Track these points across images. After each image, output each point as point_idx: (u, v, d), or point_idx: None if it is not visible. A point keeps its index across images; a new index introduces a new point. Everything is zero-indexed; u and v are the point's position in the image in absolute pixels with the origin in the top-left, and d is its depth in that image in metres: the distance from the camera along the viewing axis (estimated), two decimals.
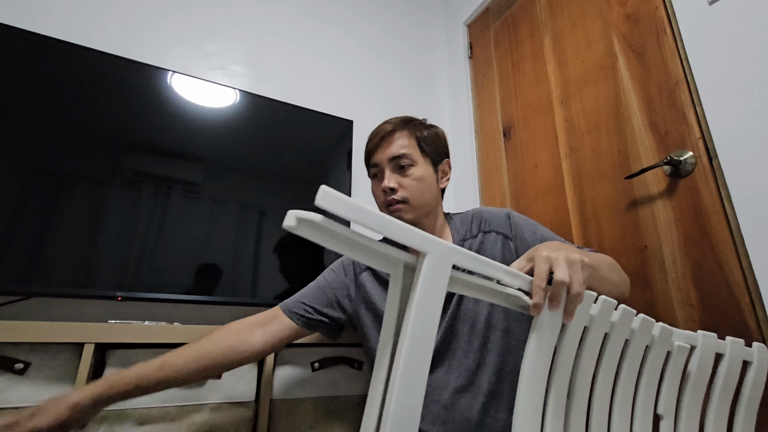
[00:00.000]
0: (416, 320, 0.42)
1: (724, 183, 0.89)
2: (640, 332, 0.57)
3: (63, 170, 1.02)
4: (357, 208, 0.43)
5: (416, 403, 0.41)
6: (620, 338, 0.55)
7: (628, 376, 0.56)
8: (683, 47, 1.01)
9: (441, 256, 0.44)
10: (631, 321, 0.56)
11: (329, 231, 0.45)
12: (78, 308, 1.09)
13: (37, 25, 1.22)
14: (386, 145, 0.88)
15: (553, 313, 0.50)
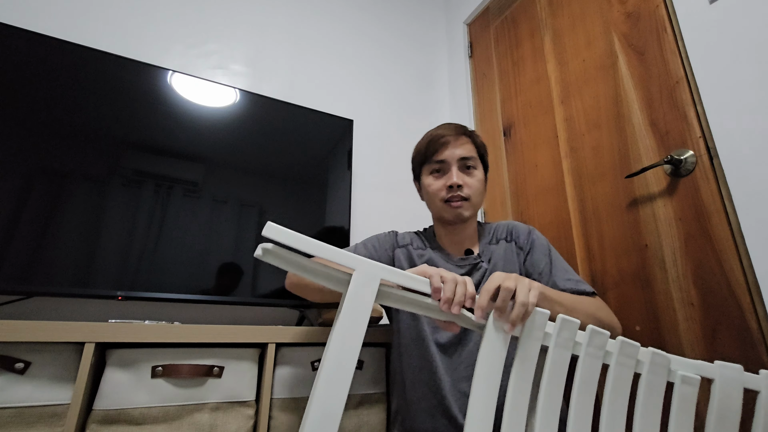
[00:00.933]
0: (341, 327, 0.48)
1: (724, 182, 0.89)
2: (621, 357, 0.56)
3: (63, 170, 1.02)
4: (296, 237, 0.50)
5: (336, 408, 0.45)
6: (594, 362, 0.55)
7: (614, 405, 0.55)
8: (684, 46, 1.01)
9: (368, 273, 0.51)
10: (604, 343, 0.55)
11: (289, 259, 0.52)
12: (78, 308, 1.09)
13: (37, 24, 1.22)
14: (456, 145, 0.95)
15: (499, 326, 0.54)
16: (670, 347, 0.93)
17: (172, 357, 0.84)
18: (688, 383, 0.56)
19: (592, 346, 0.56)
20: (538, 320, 0.55)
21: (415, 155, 1.01)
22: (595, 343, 0.56)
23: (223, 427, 0.83)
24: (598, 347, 0.56)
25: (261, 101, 1.34)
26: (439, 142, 0.95)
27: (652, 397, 0.56)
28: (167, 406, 0.81)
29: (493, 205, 1.58)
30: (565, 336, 0.55)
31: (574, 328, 0.55)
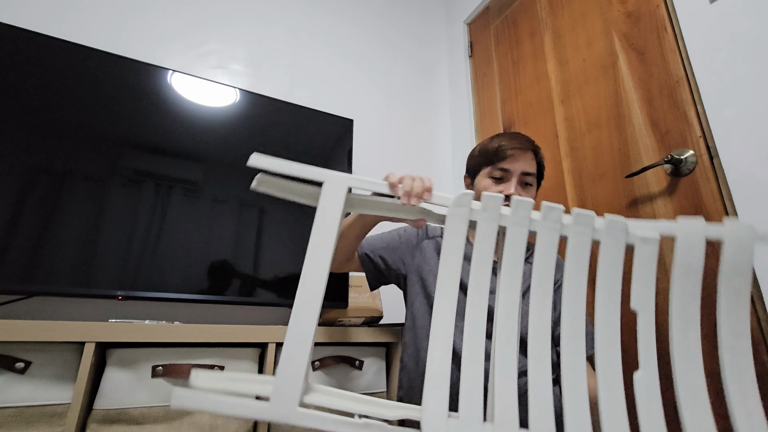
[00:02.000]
0: (316, 233, 0.55)
1: (724, 182, 0.89)
2: (576, 227, 0.56)
3: (63, 169, 1.02)
4: (279, 163, 0.59)
5: (310, 315, 0.51)
6: (551, 236, 0.56)
7: (576, 274, 0.56)
8: (684, 46, 1.01)
9: (336, 182, 0.59)
10: (559, 217, 0.56)
11: (279, 185, 0.64)
12: (78, 307, 1.09)
13: (38, 24, 1.22)
14: (524, 158, 0.96)
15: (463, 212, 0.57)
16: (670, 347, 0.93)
17: (173, 357, 0.84)
18: (648, 243, 0.57)
19: (548, 221, 0.56)
20: (494, 203, 0.57)
21: (479, 154, 1.00)
22: (551, 217, 0.56)
23: (223, 427, 0.84)
24: (555, 220, 0.56)
25: (261, 101, 1.34)
26: (509, 151, 0.95)
27: (613, 262, 0.56)
28: (168, 405, 0.81)
29: None
30: (520, 215, 0.57)
31: (528, 207, 0.56)
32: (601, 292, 0.56)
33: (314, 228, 0.55)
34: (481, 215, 0.57)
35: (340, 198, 0.59)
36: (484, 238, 0.57)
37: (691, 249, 0.57)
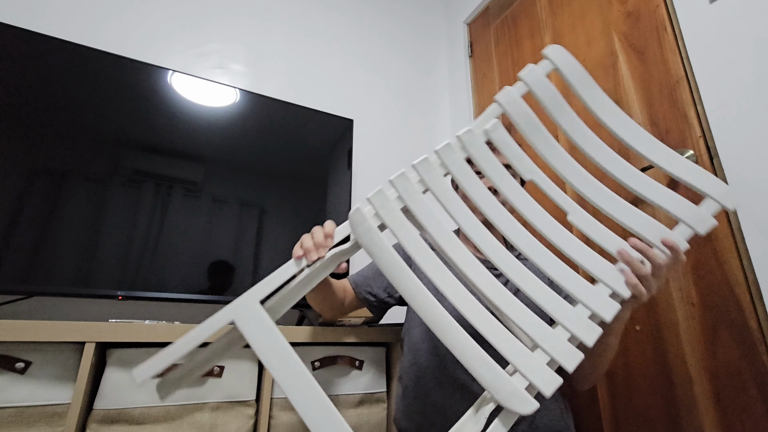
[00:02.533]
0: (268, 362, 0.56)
1: (725, 181, 0.89)
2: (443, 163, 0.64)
3: (63, 169, 1.02)
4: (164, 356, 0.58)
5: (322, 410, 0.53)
6: (440, 181, 0.63)
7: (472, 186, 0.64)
8: (684, 45, 1.01)
9: (243, 311, 0.57)
10: (429, 166, 0.63)
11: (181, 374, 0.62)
12: (79, 307, 1.09)
13: (38, 24, 1.22)
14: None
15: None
16: (670, 346, 0.93)
17: None
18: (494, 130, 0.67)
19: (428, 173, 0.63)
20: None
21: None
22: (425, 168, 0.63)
23: (223, 426, 0.84)
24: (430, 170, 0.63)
25: (261, 101, 1.34)
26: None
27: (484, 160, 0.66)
28: (167, 405, 0.81)
29: None
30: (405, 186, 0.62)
31: (405, 176, 0.63)
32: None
33: (263, 359, 0.54)
34: (381, 212, 0.60)
35: (258, 319, 0.56)
36: (398, 226, 0.59)
37: (542, 89, 0.69)
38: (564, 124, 0.69)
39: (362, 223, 0.58)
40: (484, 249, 0.60)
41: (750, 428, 0.78)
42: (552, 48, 0.69)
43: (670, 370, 0.92)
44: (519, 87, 0.68)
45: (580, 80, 0.71)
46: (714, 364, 0.86)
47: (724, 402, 0.83)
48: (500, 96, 0.67)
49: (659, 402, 0.93)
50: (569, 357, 0.54)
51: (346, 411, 0.97)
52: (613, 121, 0.69)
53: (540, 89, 0.69)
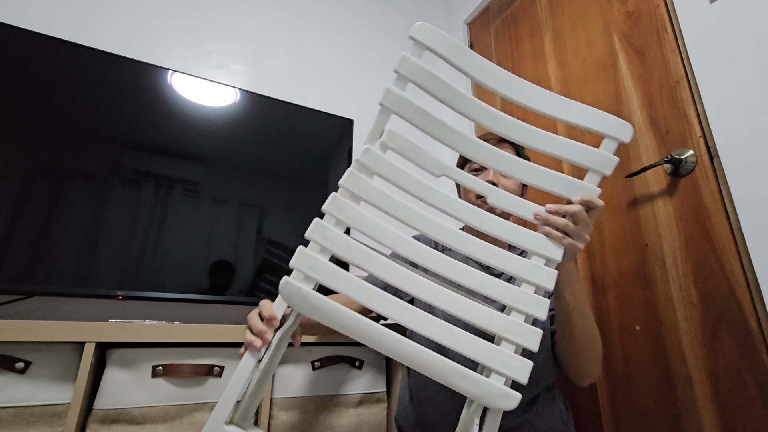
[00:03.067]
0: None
1: (725, 181, 0.89)
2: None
3: (63, 169, 1.02)
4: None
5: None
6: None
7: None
8: (684, 45, 1.01)
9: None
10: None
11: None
12: (78, 307, 1.09)
13: (38, 24, 1.22)
14: (500, 147, 0.95)
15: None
16: (670, 346, 0.93)
17: (173, 357, 0.84)
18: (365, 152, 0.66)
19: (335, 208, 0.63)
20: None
21: (459, 156, 1.00)
22: (336, 205, 0.63)
23: None
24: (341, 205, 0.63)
25: (261, 101, 1.34)
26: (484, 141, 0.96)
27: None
28: (167, 405, 0.81)
29: None
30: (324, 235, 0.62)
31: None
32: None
33: None
34: (311, 273, 0.58)
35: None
36: (332, 278, 0.58)
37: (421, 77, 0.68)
38: (456, 105, 0.68)
39: (297, 293, 0.57)
40: (417, 260, 0.60)
41: (750, 428, 0.78)
42: (416, 27, 0.66)
43: (670, 369, 0.92)
44: (397, 82, 0.67)
45: (453, 52, 0.67)
46: (714, 364, 0.86)
47: (724, 402, 0.83)
48: (385, 100, 0.67)
49: (659, 402, 0.93)
50: (530, 338, 0.56)
51: (346, 411, 0.97)
52: (498, 83, 0.67)
53: (420, 78, 0.67)
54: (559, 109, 0.67)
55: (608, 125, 0.65)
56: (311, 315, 0.57)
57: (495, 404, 0.54)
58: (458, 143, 0.67)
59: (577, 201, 0.64)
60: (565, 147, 0.67)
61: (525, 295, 0.59)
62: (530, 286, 0.59)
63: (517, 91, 0.67)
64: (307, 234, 0.60)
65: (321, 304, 0.57)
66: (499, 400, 0.54)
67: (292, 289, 0.57)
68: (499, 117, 0.66)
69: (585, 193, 0.65)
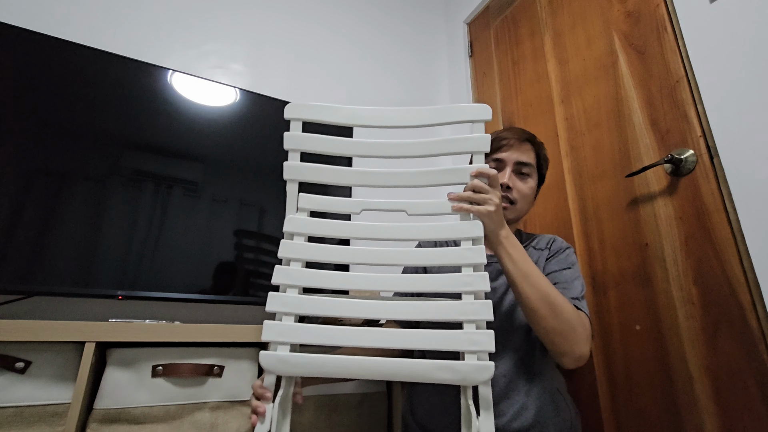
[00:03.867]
0: None
1: (725, 181, 0.89)
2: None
3: (63, 169, 1.02)
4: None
5: None
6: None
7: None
8: (684, 45, 1.01)
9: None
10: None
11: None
12: (78, 307, 1.09)
13: (38, 24, 1.22)
14: (519, 148, 0.97)
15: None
16: (671, 345, 0.93)
17: (173, 356, 0.84)
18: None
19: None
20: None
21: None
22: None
23: (223, 426, 0.84)
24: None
25: (261, 101, 1.34)
26: (501, 142, 0.97)
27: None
28: (168, 405, 0.81)
29: None
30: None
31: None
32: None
33: None
34: (283, 339, 0.63)
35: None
36: (306, 334, 0.64)
37: (311, 144, 0.80)
38: (341, 149, 0.78)
39: (276, 360, 0.62)
40: (364, 287, 0.69)
41: (750, 427, 0.78)
42: (287, 109, 0.80)
43: (670, 369, 0.92)
44: (290, 155, 0.79)
45: (320, 114, 0.80)
46: (714, 363, 0.86)
47: (724, 401, 0.83)
48: (286, 174, 0.77)
49: (660, 401, 0.93)
50: (483, 311, 0.63)
51: (347, 411, 0.97)
52: (370, 120, 0.78)
53: (304, 145, 0.80)
54: (427, 118, 0.76)
55: (470, 112, 0.74)
56: (296, 373, 0.62)
57: (474, 379, 0.60)
58: (359, 179, 0.77)
59: (472, 173, 0.73)
60: (447, 144, 0.75)
61: (466, 276, 0.66)
62: (468, 267, 0.67)
63: (387, 119, 0.77)
64: (267, 308, 0.65)
65: (300, 361, 0.62)
66: (475, 374, 0.60)
67: (269, 359, 0.62)
68: (379, 144, 0.76)
69: (475, 168, 0.73)
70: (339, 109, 0.79)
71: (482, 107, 0.74)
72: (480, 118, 0.74)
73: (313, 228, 0.73)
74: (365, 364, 0.61)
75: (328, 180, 0.77)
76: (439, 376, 0.60)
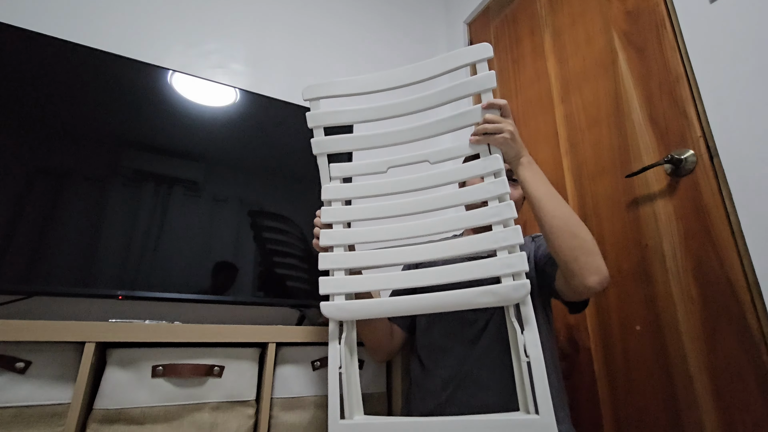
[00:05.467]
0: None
1: (725, 181, 0.89)
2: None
3: (63, 169, 1.02)
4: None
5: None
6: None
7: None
8: (683, 43, 1.01)
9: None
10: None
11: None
12: (79, 307, 1.09)
13: (38, 24, 1.22)
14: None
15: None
16: (671, 344, 0.93)
17: (173, 356, 0.84)
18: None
19: None
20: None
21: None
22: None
23: (223, 426, 0.84)
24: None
25: (261, 101, 1.34)
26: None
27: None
28: (168, 405, 0.81)
29: None
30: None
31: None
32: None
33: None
34: (332, 289, 0.75)
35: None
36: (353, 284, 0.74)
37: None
38: (363, 117, 0.84)
39: (334, 308, 0.72)
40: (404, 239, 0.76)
41: (750, 425, 0.78)
42: (303, 91, 0.86)
43: (670, 367, 0.92)
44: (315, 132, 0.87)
45: (333, 89, 0.85)
46: (714, 362, 0.85)
47: (724, 399, 0.83)
48: (315, 149, 0.86)
49: (660, 400, 0.93)
50: (513, 236, 0.70)
51: None
52: (377, 84, 0.84)
53: (325, 120, 0.86)
54: (433, 69, 0.82)
55: (473, 53, 0.79)
56: (353, 317, 0.71)
57: (513, 298, 0.66)
58: (380, 140, 0.83)
59: (483, 106, 0.78)
60: (455, 89, 0.80)
61: (493, 209, 0.72)
62: (494, 200, 0.73)
63: (397, 79, 0.84)
64: (320, 266, 0.75)
65: (354, 307, 0.71)
66: (513, 293, 0.66)
67: (329, 308, 0.71)
68: (391, 105, 0.83)
69: (485, 102, 0.78)
70: (351, 81, 0.84)
71: (482, 46, 0.78)
72: (483, 57, 0.78)
73: (347, 192, 0.80)
74: (412, 301, 0.69)
75: (353, 146, 0.84)
76: (481, 301, 0.66)
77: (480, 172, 0.76)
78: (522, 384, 0.67)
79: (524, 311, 0.67)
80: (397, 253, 0.74)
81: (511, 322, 0.70)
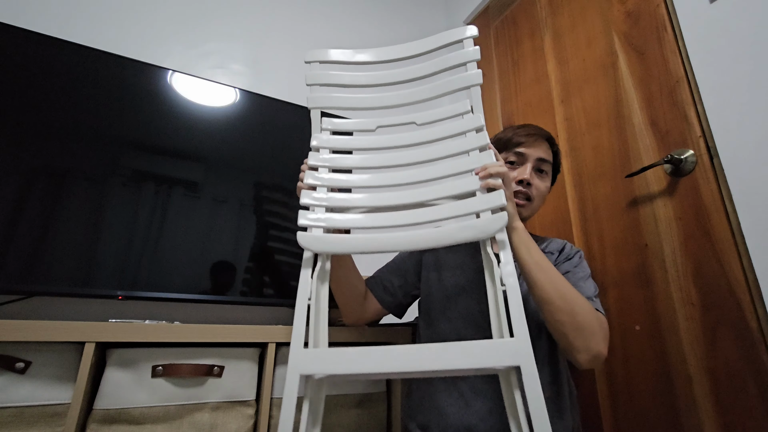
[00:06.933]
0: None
1: (724, 182, 0.89)
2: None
3: (63, 169, 1.02)
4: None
5: None
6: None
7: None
8: (684, 45, 1.01)
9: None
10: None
11: None
12: (78, 307, 1.09)
13: (38, 24, 1.22)
14: (540, 145, 0.97)
15: None
16: (670, 346, 0.93)
17: (173, 357, 0.84)
18: None
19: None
20: None
21: (495, 141, 0.99)
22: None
23: (223, 426, 0.84)
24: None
25: (261, 101, 1.34)
26: (524, 137, 0.96)
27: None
28: (167, 405, 0.81)
29: None
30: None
31: None
32: None
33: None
34: (310, 221, 0.73)
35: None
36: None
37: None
38: (358, 81, 0.88)
39: (311, 239, 0.70)
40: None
41: (750, 428, 0.78)
42: (307, 54, 0.91)
43: (670, 370, 0.92)
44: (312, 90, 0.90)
45: (337, 56, 0.90)
46: (714, 364, 0.86)
47: (724, 402, 0.83)
48: (309, 103, 0.89)
49: (659, 402, 0.93)
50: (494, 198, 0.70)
51: (347, 411, 0.97)
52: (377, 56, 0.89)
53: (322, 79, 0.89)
54: (422, 46, 0.86)
55: (458, 33, 0.85)
56: (330, 250, 0.69)
57: (491, 229, 0.66)
58: (373, 102, 0.87)
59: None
60: (440, 62, 0.85)
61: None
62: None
63: (388, 54, 0.88)
64: (301, 202, 0.75)
65: (332, 239, 0.70)
66: (492, 224, 0.67)
67: (306, 239, 0.69)
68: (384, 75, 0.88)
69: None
70: (349, 51, 0.91)
71: (469, 27, 0.85)
72: (468, 35, 0.84)
73: (335, 142, 0.84)
74: (392, 239, 0.68)
75: (347, 104, 0.88)
76: (461, 236, 0.67)
77: (463, 129, 0.80)
78: (497, 313, 0.65)
79: (500, 238, 0.67)
80: (380, 197, 0.76)
81: (488, 254, 0.68)
